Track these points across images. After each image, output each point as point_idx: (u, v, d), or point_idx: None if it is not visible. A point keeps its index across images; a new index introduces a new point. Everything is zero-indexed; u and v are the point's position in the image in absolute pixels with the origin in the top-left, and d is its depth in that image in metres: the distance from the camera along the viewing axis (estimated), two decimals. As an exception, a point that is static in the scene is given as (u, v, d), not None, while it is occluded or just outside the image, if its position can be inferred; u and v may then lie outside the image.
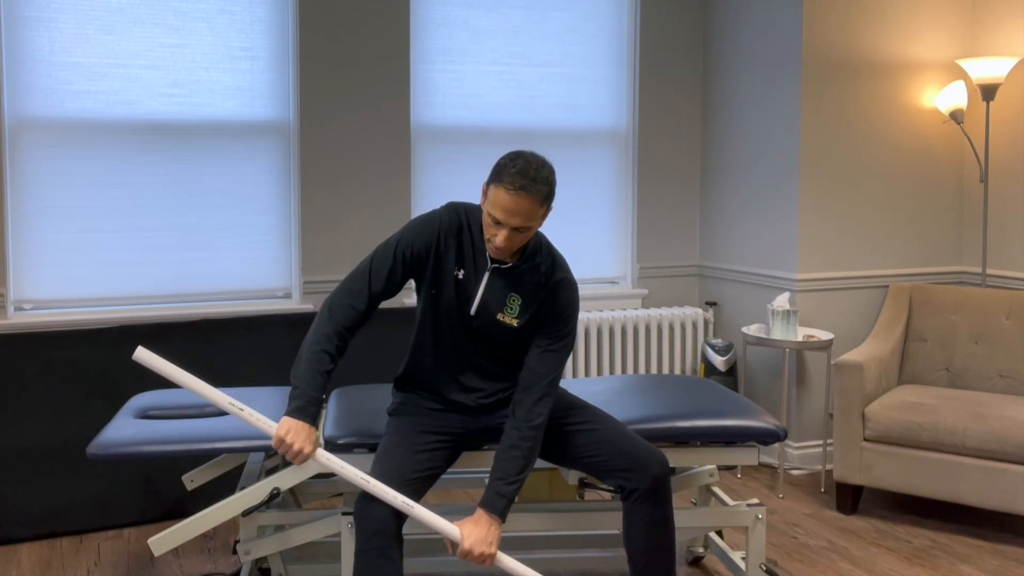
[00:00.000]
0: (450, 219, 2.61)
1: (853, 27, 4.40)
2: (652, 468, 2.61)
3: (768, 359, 4.60)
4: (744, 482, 4.33)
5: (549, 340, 2.61)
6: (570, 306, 2.63)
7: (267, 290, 4.33)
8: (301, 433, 2.44)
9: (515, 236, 2.48)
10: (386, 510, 2.44)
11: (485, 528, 2.46)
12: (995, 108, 4.50)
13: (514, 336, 2.63)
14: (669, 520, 2.67)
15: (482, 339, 2.65)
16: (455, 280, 2.60)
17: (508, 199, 2.42)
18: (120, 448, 2.76)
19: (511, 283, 2.60)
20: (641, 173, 4.90)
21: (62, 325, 3.91)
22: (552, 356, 2.60)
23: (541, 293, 2.61)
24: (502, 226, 2.46)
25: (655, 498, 2.62)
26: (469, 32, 4.56)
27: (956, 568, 3.44)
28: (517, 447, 2.52)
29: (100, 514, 3.72)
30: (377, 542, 2.43)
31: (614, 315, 4.69)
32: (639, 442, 2.67)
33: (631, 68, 4.86)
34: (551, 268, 2.62)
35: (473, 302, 2.60)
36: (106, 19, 3.99)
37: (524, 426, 2.54)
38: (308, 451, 2.44)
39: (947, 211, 4.69)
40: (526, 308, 2.61)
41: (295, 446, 2.43)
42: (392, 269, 2.59)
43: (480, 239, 2.61)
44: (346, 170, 4.36)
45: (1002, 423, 3.61)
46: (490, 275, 2.60)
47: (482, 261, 2.61)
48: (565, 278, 2.63)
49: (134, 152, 4.07)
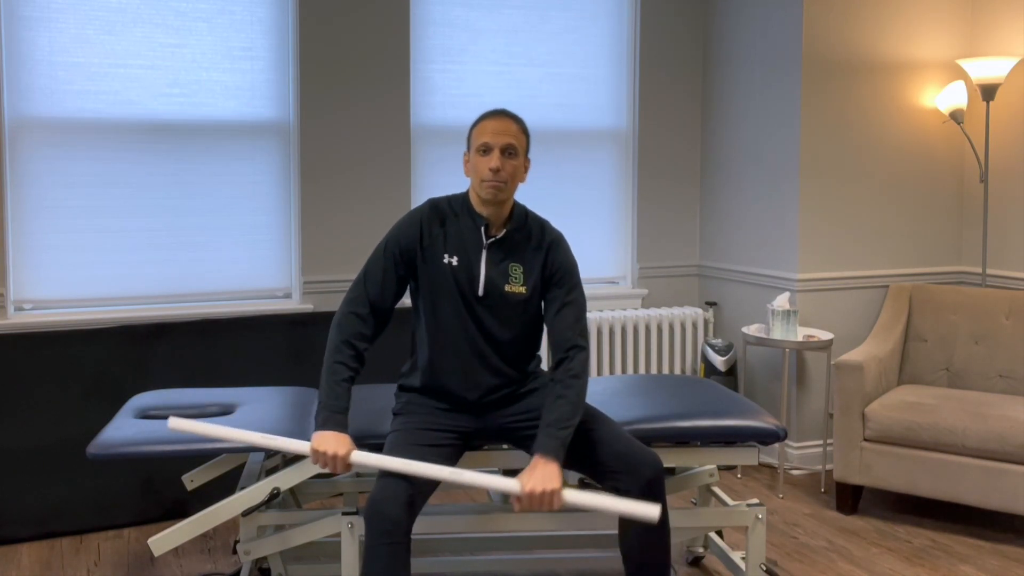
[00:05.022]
0: (431, 211, 2.69)
1: (853, 27, 4.40)
2: (644, 470, 2.59)
3: (768, 359, 4.60)
4: (744, 482, 4.33)
5: (564, 293, 2.67)
6: (570, 259, 2.71)
7: (267, 290, 4.33)
8: (331, 440, 2.48)
9: (507, 163, 2.59)
10: (397, 509, 2.44)
11: (543, 468, 2.43)
12: (995, 108, 4.50)
13: (523, 308, 2.68)
14: (663, 521, 2.66)
15: (489, 322, 2.67)
16: (449, 268, 2.65)
17: (492, 123, 2.60)
18: (120, 448, 2.76)
19: (508, 253, 2.68)
20: (641, 173, 4.90)
21: (62, 325, 3.91)
22: (570, 308, 2.66)
23: (539, 255, 2.69)
24: (492, 149, 2.58)
25: (648, 499, 2.59)
26: (469, 32, 4.56)
27: (956, 568, 3.44)
28: (562, 396, 2.55)
29: (100, 514, 3.72)
30: (388, 539, 2.44)
31: (614, 315, 4.69)
32: (632, 444, 2.65)
33: (631, 68, 4.87)
34: (541, 231, 2.72)
35: (479, 281, 2.65)
36: (106, 19, 3.99)
37: (565, 377, 2.58)
38: (343, 454, 2.47)
39: (947, 211, 4.69)
40: (529, 274, 2.68)
41: (328, 452, 2.47)
42: (385, 268, 2.65)
43: (468, 221, 2.67)
44: (346, 170, 4.36)
45: (1002, 423, 3.61)
46: (487, 251, 2.66)
47: (474, 241, 2.66)
48: (557, 236, 2.73)
49: (134, 152, 4.07)
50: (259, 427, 2.87)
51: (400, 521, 2.43)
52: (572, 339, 2.62)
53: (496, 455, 2.89)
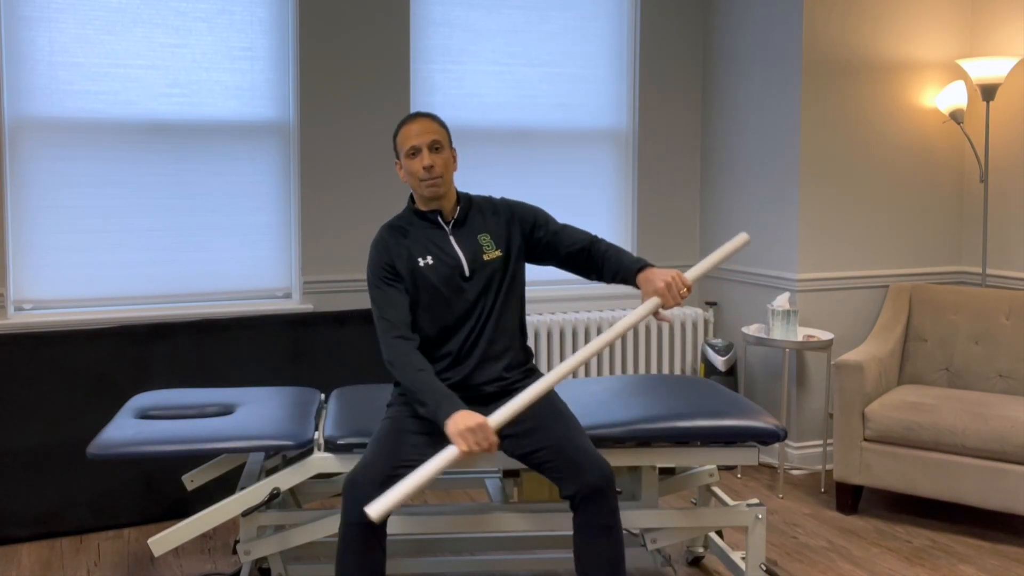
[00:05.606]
0: (389, 231, 2.80)
1: (853, 27, 4.40)
2: (589, 474, 2.54)
3: (768, 359, 4.60)
4: (744, 482, 4.33)
5: (551, 225, 2.85)
6: (534, 208, 2.88)
7: (267, 290, 4.33)
8: (467, 420, 2.46)
9: (436, 157, 2.72)
10: (373, 489, 2.47)
11: (655, 272, 2.67)
12: (995, 108, 4.50)
13: (504, 272, 2.79)
14: (611, 529, 2.56)
15: (481, 301, 2.75)
16: (427, 267, 2.74)
17: (412, 127, 2.73)
18: (120, 448, 2.76)
19: (472, 229, 2.80)
20: (641, 173, 4.90)
21: (62, 325, 3.91)
22: (569, 227, 2.85)
23: (500, 219, 2.83)
24: (420, 150, 2.71)
25: (592, 506, 2.54)
26: (469, 32, 4.56)
27: (956, 568, 3.44)
28: (615, 249, 2.80)
29: (100, 514, 3.73)
30: (362, 518, 2.47)
31: (614, 315, 4.69)
32: (584, 449, 2.60)
33: (631, 68, 4.86)
34: (490, 201, 2.87)
35: (462, 263, 2.75)
36: (106, 19, 3.99)
37: (604, 251, 2.80)
38: (482, 421, 2.46)
39: (947, 211, 4.69)
40: (499, 238, 2.81)
41: (473, 432, 2.44)
42: (390, 291, 2.73)
43: (423, 222, 2.79)
44: (346, 170, 4.36)
45: (1002, 423, 3.61)
46: (453, 235, 2.78)
47: (438, 233, 2.78)
48: (511, 202, 2.88)
49: (134, 152, 4.07)
50: (259, 427, 2.88)
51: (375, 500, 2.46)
52: (590, 237, 2.83)
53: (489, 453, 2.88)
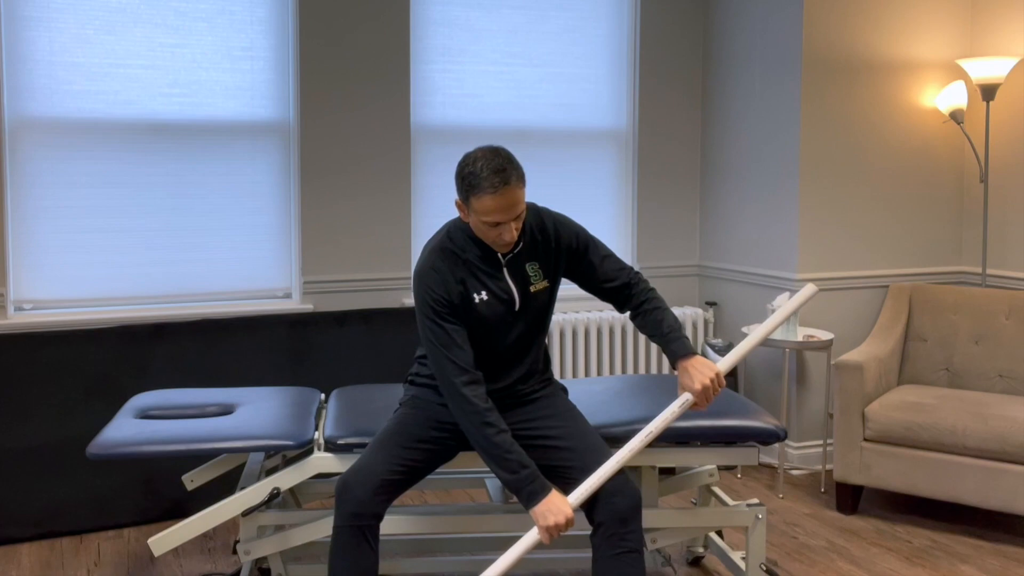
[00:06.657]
0: (439, 258, 2.58)
1: (853, 27, 4.40)
2: (619, 501, 2.50)
3: (768, 359, 4.60)
4: (744, 482, 4.33)
5: (595, 253, 2.71)
6: (576, 227, 2.72)
7: (267, 290, 4.33)
8: (555, 512, 2.42)
9: (517, 223, 2.52)
10: (365, 492, 2.47)
11: (694, 364, 2.60)
12: (995, 108, 4.50)
13: (549, 300, 2.72)
14: (638, 553, 2.53)
15: (522, 326, 2.67)
16: (482, 303, 2.59)
17: (498, 200, 2.43)
18: (120, 448, 2.76)
19: (521, 257, 2.66)
20: (641, 173, 4.90)
21: (62, 325, 3.91)
22: (609, 259, 2.73)
23: (550, 247, 2.67)
24: (505, 224, 2.48)
25: (623, 529, 2.51)
26: (469, 32, 4.56)
27: (956, 568, 3.44)
28: (659, 308, 2.70)
29: (100, 514, 3.72)
30: (354, 521, 2.48)
31: (614, 315, 4.69)
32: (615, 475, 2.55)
33: (631, 68, 4.86)
34: (541, 223, 2.67)
35: (515, 298, 2.63)
36: (106, 19, 3.99)
37: (647, 296, 2.71)
38: (570, 516, 2.43)
39: (947, 211, 4.69)
40: (547, 267, 2.68)
41: (560, 522, 2.42)
42: (452, 329, 2.55)
43: (474, 253, 2.60)
44: (346, 170, 4.36)
45: (1002, 423, 3.61)
46: (507, 268, 2.63)
47: (493, 265, 2.62)
48: (556, 219, 2.69)
49: (134, 152, 4.07)
50: (259, 427, 2.88)
51: (366, 503, 2.47)
52: (628, 273, 2.72)
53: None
